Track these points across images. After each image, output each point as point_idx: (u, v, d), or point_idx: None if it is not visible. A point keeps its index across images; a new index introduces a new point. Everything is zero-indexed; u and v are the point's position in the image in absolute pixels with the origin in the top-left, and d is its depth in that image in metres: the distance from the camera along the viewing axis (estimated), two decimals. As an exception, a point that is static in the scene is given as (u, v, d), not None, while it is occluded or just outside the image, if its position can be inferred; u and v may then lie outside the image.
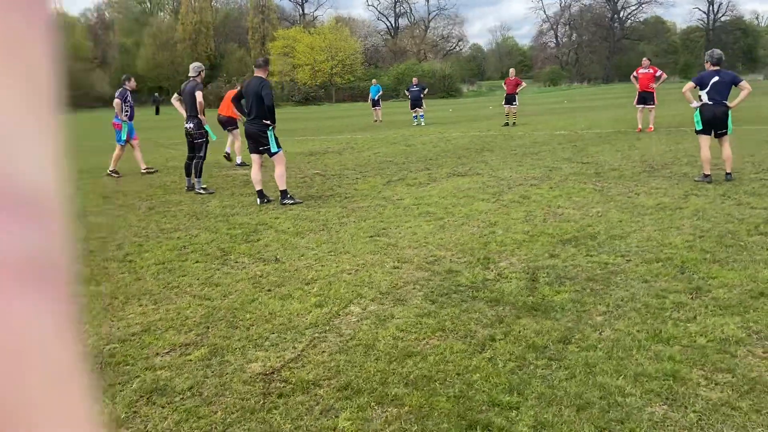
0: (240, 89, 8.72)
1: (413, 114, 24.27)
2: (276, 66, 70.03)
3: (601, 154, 12.24)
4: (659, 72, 16.74)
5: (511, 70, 22.28)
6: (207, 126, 9.76)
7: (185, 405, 3.11)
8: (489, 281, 4.88)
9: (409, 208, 7.85)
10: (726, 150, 8.73)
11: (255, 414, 3.01)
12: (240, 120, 10.09)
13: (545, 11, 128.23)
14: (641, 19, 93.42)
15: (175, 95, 10.07)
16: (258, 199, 8.61)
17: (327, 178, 10.91)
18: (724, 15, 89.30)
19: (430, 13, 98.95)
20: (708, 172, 8.70)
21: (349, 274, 5.22)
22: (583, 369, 3.33)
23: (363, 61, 76.13)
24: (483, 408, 3.00)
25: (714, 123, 8.60)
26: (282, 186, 8.48)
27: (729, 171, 8.73)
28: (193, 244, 6.44)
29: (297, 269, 5.40)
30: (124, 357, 3.70)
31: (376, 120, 26.69)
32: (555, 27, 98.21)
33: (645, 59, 17.26)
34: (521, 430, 2.81)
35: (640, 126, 16.56)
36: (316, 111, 49.60)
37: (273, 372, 3.45)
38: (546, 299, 4.42)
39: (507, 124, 20.95)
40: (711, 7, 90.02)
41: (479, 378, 3.28)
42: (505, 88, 21.60)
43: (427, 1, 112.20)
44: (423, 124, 23.61)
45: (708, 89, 8.51)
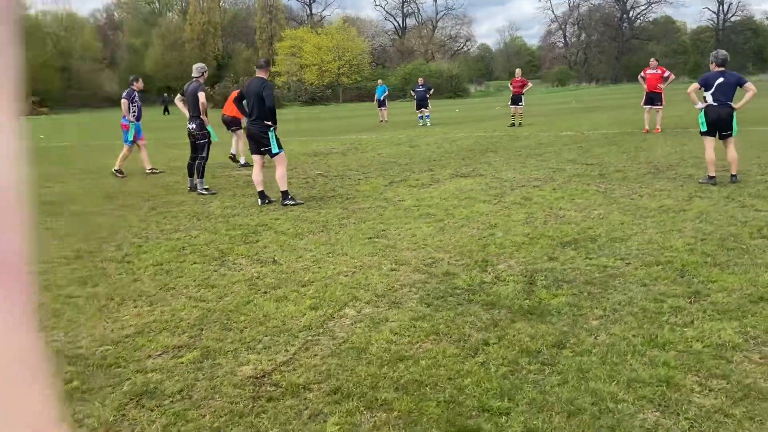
0: (241, 90, 8.73)
1: (419, 114, 24.23)
2: (283, 66, 70.22)
3: (607, 155, 12.17)
4: (667, 73, 16.61)
5: (518, 70, 22.23)
6: (209, 127, 9.76)
7: (174, 408, 3.10)
8: (486, 284, 4.84)
9: (410, 209, 7.82)
10: (731, 152, 8.65)
11: (243, 418, 3.00)
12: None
13: (553, 11, 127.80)
14: (651, 19, 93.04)
15: (179, 96, 10.09)
16: (259, 200, 8.60)
17: (329, 178, 10.90)
18: (734, 15, 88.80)
19: (437, 13, 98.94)
20: (713, 173, 8.63)
21: (346, 276, 5.20)
22: (576, 374, 3.29)
23: (370, 61, 76.13)
24: (473, 414, 2.97)
25: (719, 124, 8.53)
26: (283, 187, 8.46)
27: (734, 173, 8.66)
28: (192, 245, 6.44)
29: (294, 271, 5.38)
30: (116, 359, 3.69)
31: (381, 120, 26.68)
32: (563, 27, 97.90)
33: (653, 60, 17.13)
34: (510, 436, 2.78)
35: (647, 127, 16.46)
36: (322, 111, 49.64)
37: (264, 375, 3.43)
38: (542, 303, 4.38)
39: (513, 124, 20.88)
40: (721, 7, 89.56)
41: (470, 383, 3.25)
42: (512, 88, 21.54)
43: (435, 1, 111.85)
44: (428, 124, 23.56)
45: (713, 90, 8.45)
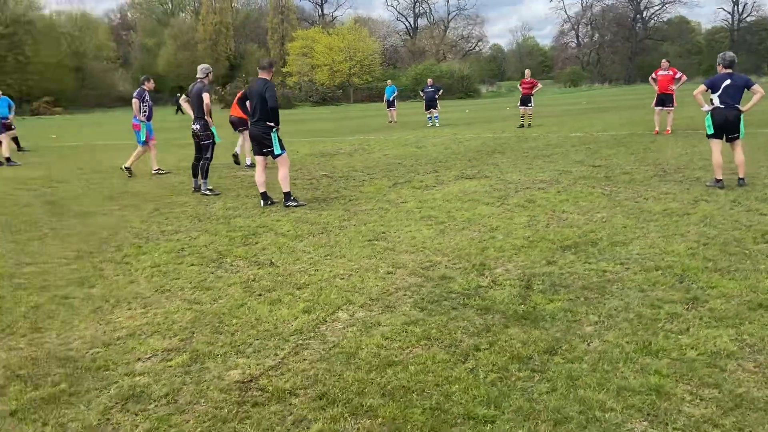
0: (244, 91, 8.73)
1: (428, 115, 24.17)
2: (294, 66, 70.34)
3: (615, 156, 12.06)
4: (679, 74, 16.46)
5: (527, 71, 22.11)
6: (213, 128, 9.77)
7: (158, 413, 3.08)
8: (482, 288, 4.80)
9: (412, 211, 7.78)
10: (738, 155, 8.55)
11: (226, 424, 2.98)
12: None
13: (566, 11, 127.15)
14: (664, 19, 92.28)
15: (183, 96, 10.11)
16: (261, 201, 8.59)
17: (334, 179, 10.88)
18: (749, 15, 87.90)
19: (449, 14, 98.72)
20: (720, 177, 8.52)
21: (342, 279, 5.17)
22: (566, 382, 3.24)
23: (381, 62, 76.07)
24: (458, 421, 2.93)
25: (726, 127, 8.42)
26: (285, 188, 8.45)
27: (742, 176, 8.55)
28: (191, 246, 6.44)
29: (290, 273, 5.36)
30: (105, 362, 3.69)
31: (390, 121, 26.64)
32: (576, 27, 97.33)
33: (664, 61, 16.99)
34: (494, 445, 2.74)
35: (657, 128, 16.33)
36: (333, 111, 49.67)
37: (251, 380, 3.41)
38: (537, 308, 4.33)
39: (522, 125, 20.78)
40: (736, 8, 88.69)
41: (458, 389, 3.21)
42: (521, 89, 21.44)
43: (447, 2, 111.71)
44: (437, 125, 23.50)
45: (720, 93, 8.34)
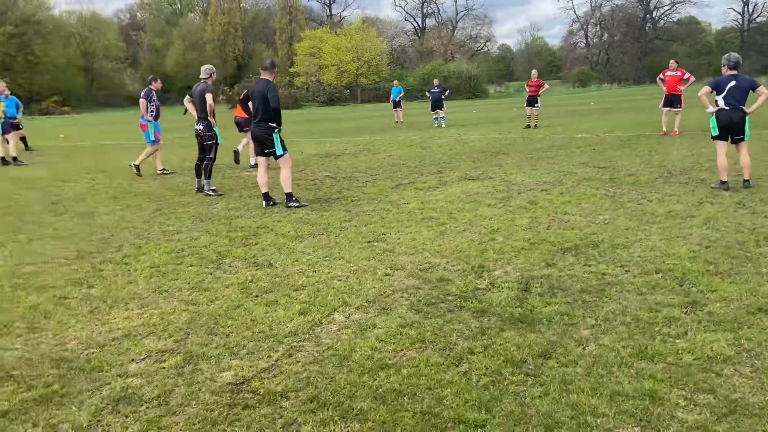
0: (247, 91, 8.73)
1: (434, 115, 24.14)
2: (302, 66, 70.43)
3: (620, 158, 12.00)
4: (687, 74, 16.36)
5: (534, 71, 22.04)
6: (216, 128, 9.79)
7: (149, 415, 3.08)
8: (479, 290, 4.77)
9: (413, 212, 7.76)
10: (744, 156, 8.48)
11: (216, 426, 2.97)
12: None
13: (575, 11, 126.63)
14: (674, 20, 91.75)
15: (187, 97, 10.13)
16: (263, 202, 8.59)
17: (337, 180, 10.87)
18: (759, 16, 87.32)
19: (457, 14, 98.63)
20: (725, 179, 8.46)
21: (340, 280, 5.16)
22: (559, 386, 3.22)
23: (389, 62, 76.04)
24: (448, 426, 2.91)
25: (731, 128, 8.36)
26: (287, 189, 8.45)
27: (747, 178, 8.49)
28: (191, 247, 6.44)
29: (288, 275, 5.36)
30: (99, 363, 3.69)
31: (397, 121, 26.62)
32: (585, 27, 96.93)
33: (672, 61, 16.90)
34: (484, 450, 2.72)
35: (664, 129, 16.26)
36: (339, 112, 49.69)
37: (243, 382, 3.40)
38: (534, 311, 4.30)
39: (529, 126, 20.72)
40: (746, 8, 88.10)
41: (450, 393, 3.19)
42: (528, 89, 21.38)
43: (455, 2, 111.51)
44: (443, 125, 23.46)
45: (724, 94, 8.28)
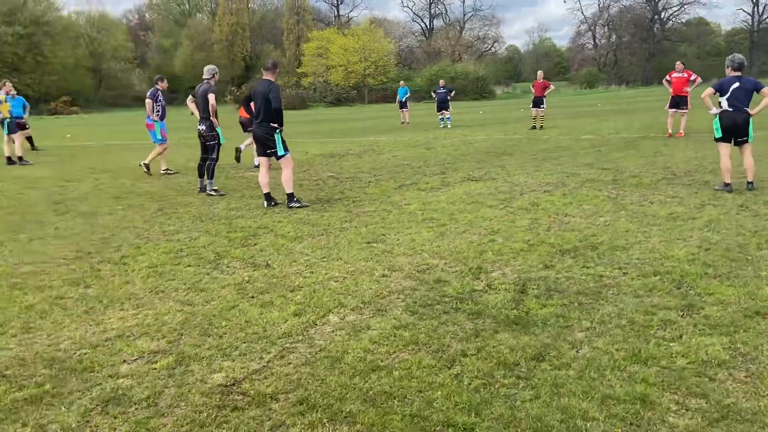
0: (249, 92, 8.74)
1: (439, 116, 24.11)
2: (310, 67, 70.52)
3: (624, 159, 11.94)
4: (694, 76, 16.27)
5: (539, 72, 22.01)
6: (219, 128, 9.80)
7: (137, 416, 3.07)
8: (476, 292, 4.75)
9: (414, 213, 7.74)
10: (747, 158, 8.42)
11: (204, 428, 2.96)
12: None
13: (583, 12, 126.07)
14: (683, 21, 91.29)
15: (190, 97, 10.16)
16: (265, 202, 8.59)
17: (340, 181, 10.86)
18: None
19: (465, 14, 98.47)
20: (728, 180, 8.40)
21: (337, 281, 5.14)
22: (550, 389, 3.19)
23: (397, 63, 76.03)
24: (437, 429, 2.89)
25: (734, 130, 8.30)
26: (289, 189, 8.44)
27: (751, 180, 8.42)
28: (190, 247, 6.45)
29: (285, 275, 5.35)
30: (91, 363, 3.69)
31: (403, 122, 26.61)
32: (593, 28, 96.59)
33: (678, 63, 16.83)
34: (471, 454, 2.70)
35: (670, 131, 16.18)
36: (346, 112, 49.70)
37: (234, 384, 3.39)
38: (530, 313, 4.27)
39: (534, 127, 20.66)
40: (756, 9, 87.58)
41: (440, 396, 3.17)
42: (533, 90, 21.34)
43: (463, 2, 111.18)
44: (449, 126, 23.42)
45: (728, 95, 8.22)
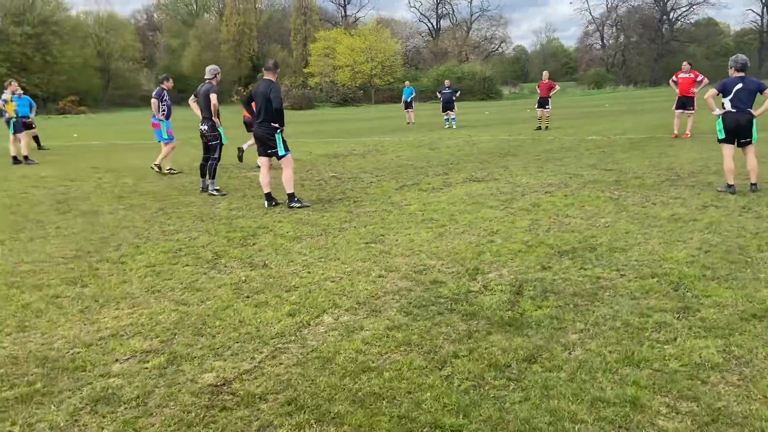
0: (250, 92, 8.75)
1: (445, 117, 24.08)
2: (316, 67, 70.61)
3: (628, 160, 11.89)
4: (700, 77, 16.17)
5: (545, 73, 21.97)
6: (221, 128, 9.82)
7: (126, 416, 3.08)
8: (472, 293, 4.73)
9: (414, 214, 7.73)
10: (751, 160, 8.36)
11: (192, 428, 2.96)
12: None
13: (591, 12, 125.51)
14: (692, 21, 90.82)
15: (192, 97, 10.17)
16: (266, 202, 8.60)
17: (342, 181, 10.86)
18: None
19: (472, 15, 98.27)
20: (731, 182, 8.34)
21: (333, 281, 5.14)
22: (540, 391, 3.17)
23: (403, 63, 75.99)
24: (424, 430, 2.88)
25: (737, 131, 8.25)
26: (289, 189, 8.44)
27: (754, 182, 8.36)
28: (189, 246, 6.45)
29: (282, 275, 5.35)
30: (83, 362, 3.69)
31: (408, 122, 26.59)
32: (601, 28, 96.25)
33: (685, 63, 16.73)
34: (457, 456, 2.68)
35: (676, 132, 16.10)
36: (352, 112, 49.71)
37: (224, 384, 3.39)
38: (524, 314, 4.25)
39: (540, 128, 20.60)
40: (765, 9, 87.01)
41: (429, 397, 3.16)
42: (539, 91, 21.28)
43: (470, 3, 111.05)
44: (454, 126, 23.39)
45: (731, 96, 8.17)
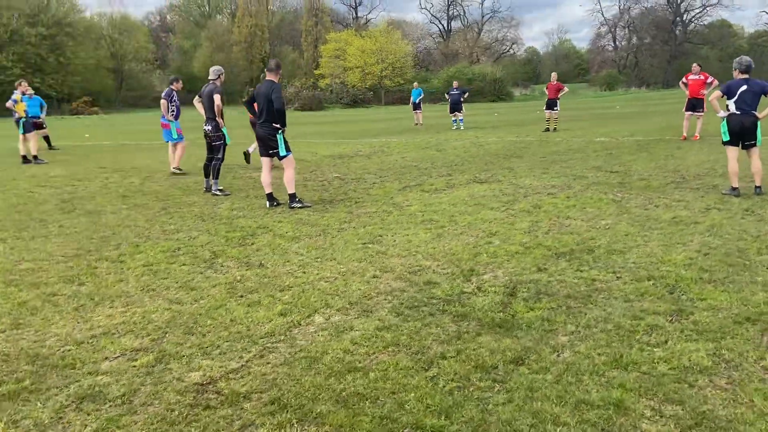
0: (252, 93, 8.78)
1: (452, 118, 24.04)
2: (327, 68, 70.75)
3: (635, 162, 11.82)
4: (710, 78, 16.03)
5: (553, 74, 21.90)
6: (224, 129, 9.86)
7: (110, 413, 3.09)
8: (465, 294, 4.72)
9: (414, 215, 7.72)
10: (755, 162, 8.29)
11: (174, 427, 2.97)
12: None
13: (603, 14, 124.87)
14: (705, 23, 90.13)
15: (196, 98, 10.23)
16: (267, 202, 8.62)
17: (345, 182, 10.86)
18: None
19: (483, 16, 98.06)
20: (735, 185, 8.28)
21: (327, 282, 5.14)
22: (525, 393, 3.16)
23: (414, 64, 75.95)
24: (404, 431, 2.87)
25: (742, 134, 8.19)
26: (291, 190, 8.46)
27: (759, 184, 8.30)
28: (188, 246, 6.48)
29: (277, 275, 5.36)
30: (73, 360, 3.72)
31: (416, 123, 26.56)
32: (613, 30, 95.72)
33: (695, 65, 16.58)
34: (436, 457, 2.68)
35: (685, 134, 15.99)
36: (362, 113, 49.74)
37: (210, 382, 3.40)
38: (516, 316, 4.24)
39: (548, 129, 20.53)
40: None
41: (413, 398, 3.15)
42: (547, 93, 21.22)
43: (482, 4, 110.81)
44: (462, 128, 23.35)
45: (736, 99, 8.11)
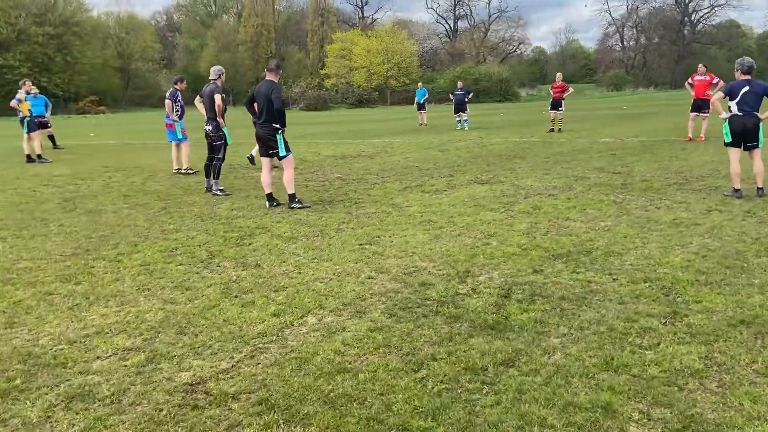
0: (252, 92, 8.79)
1: (456, 118, 24.01)
2: (333, 68, 70.82)
3: (638, 163, 11.78)
4: (716, 79, 15.96)
5: (558, 75, 21.86)
6: (225, 129, 9.87)
7: (98, 413, 3.10)
8: (459, 296, 4.71)
9: (413, 215, 7.71)
10: (757, 164, 8.25)
11: (161, 427, 2.97)
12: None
13: (611, 14, 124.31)
14: (713, 23, 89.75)
15: (197, 98, 10.25)
16: (267, 203, 8.63)
17: (346, 182, 10.86)
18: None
19: (490, 16, 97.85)
20: (737, 186, 8.24)
21: (322, 282, 5.14)
22: (513, 395, 3.15)
23: (420, 64, 75.89)
24: (390, 433, 2.87)
25: (744, 135, 8.15)
26: (290, 190, 8.47)
27: (761, 186, 8.25)
28: (186, 245, 6.49)
29: (273, 276, 5.36)
30: (65, 359, 3.73)
31: (421, 123, 26.55)
32: (621, 30, 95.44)
33: (701, 66, 16.53)
34: (421, 459, 2.67)
35: (690, 135, 15.93)
36: (367, 114, 49.75)
37: (199, 383, 3.40)
38: (509, 318, 4.22)
39: (552, 130, 20.49)
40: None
41: (401, 399, 3.14)
42: (552, 93, 21.17)
43: (488, 4, 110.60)
44: (466, 128, 23.32)
45: (738, 100, 8.06)
